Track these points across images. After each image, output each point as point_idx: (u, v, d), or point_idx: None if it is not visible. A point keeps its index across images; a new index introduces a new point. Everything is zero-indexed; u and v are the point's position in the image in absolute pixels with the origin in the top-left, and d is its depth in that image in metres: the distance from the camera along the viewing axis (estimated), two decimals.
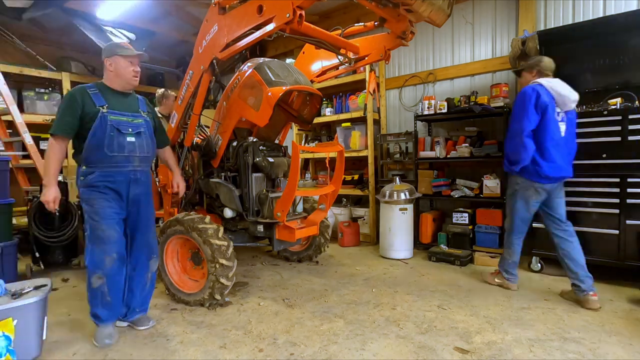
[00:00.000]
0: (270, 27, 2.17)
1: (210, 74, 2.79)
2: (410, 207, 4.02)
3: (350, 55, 3.06)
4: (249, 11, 2.27)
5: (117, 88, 2.34)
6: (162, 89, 4.63)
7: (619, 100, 3.05)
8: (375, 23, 2.81)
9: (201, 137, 3.45)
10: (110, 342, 2.26)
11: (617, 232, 2.98)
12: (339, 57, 3.11)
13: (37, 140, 4.73)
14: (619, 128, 2.94)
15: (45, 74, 5.03)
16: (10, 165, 3.59)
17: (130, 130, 2.31)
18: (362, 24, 3.06)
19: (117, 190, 2.29)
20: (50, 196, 2.18)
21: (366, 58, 3.08)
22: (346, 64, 3.23)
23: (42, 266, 3.74)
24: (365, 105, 4.57)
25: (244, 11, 2.34)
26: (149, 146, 2.44)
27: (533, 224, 3.36)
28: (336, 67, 3.49)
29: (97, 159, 2.22)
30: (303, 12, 2.04)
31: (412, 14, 2.37)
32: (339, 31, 3.01)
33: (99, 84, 2.33)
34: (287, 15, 2.02)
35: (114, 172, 2.27)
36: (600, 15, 3.52)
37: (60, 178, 3.91)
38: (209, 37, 2.62)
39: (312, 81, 3.45)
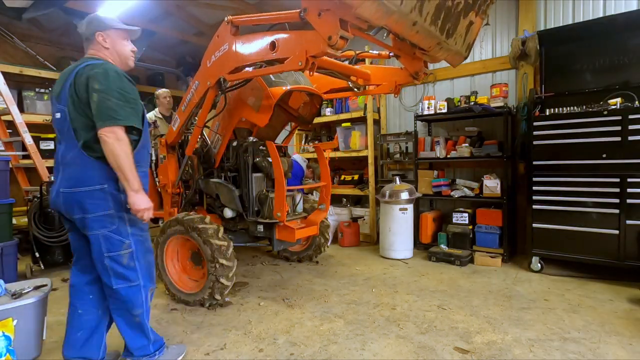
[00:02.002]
0: (282, 66, 2.18)
1: (216, 90, 2.72)
2: (410, 207, 4.02)
3: (361, 82, 3.00)
4: (262, 43, 2.23)
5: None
6: (161, 90, 4.64)
7: (619, 100, 3.05)
8: (390, 54, 2.74)
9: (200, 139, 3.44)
10: None
11: (617, 232, 2.98)
12: (349, 83, 3.05)
13: (37, 140, 4.73)
14: (619, 128, 2.95)
15: (45, 74, 5.02)
16: (10, 165, 3.58)
17: None
18: (377, 52, 3.00)
19: None
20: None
21: (375, 87, 3.02)
22: (355, 90, 3.18)
23: (42, 266, 3.74)
24: (365, 105, 4.59)
25: (256, 42, 2.28)
26: None
27: (533, 224, 3.37)
28: (345, 90, 3.45)
29: (144, 160, 1.92)
30: (316, 61, 2.00)
31: (428, 56, 2.34)
32: (352, 53, 2.96)
33: None
34: (300, 63, 2.00)
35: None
36: (600, 15, 3.52)
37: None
38: (219, 54, 2.54)
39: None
